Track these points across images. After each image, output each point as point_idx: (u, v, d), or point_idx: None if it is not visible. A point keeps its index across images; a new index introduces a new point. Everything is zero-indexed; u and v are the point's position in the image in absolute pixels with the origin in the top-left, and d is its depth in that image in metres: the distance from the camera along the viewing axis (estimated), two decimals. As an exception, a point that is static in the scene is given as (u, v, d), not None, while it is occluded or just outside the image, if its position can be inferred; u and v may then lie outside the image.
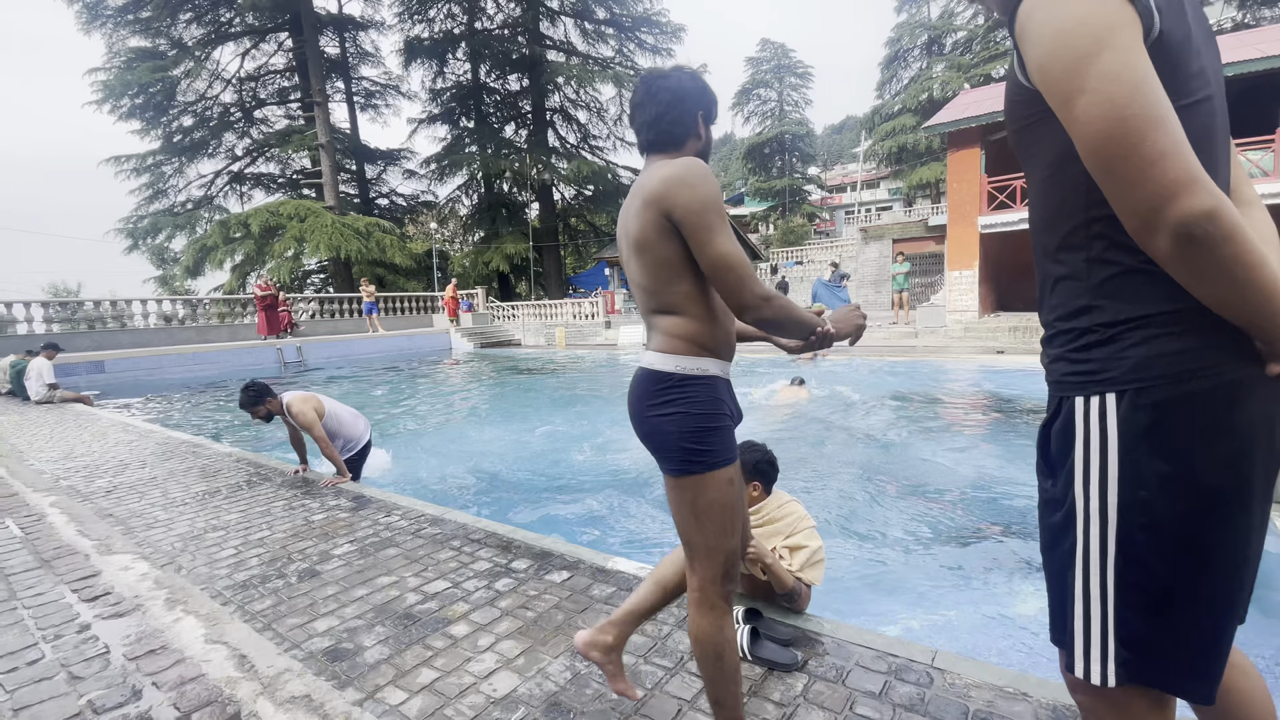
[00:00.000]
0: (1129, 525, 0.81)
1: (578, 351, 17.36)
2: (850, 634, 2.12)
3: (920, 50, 37.01)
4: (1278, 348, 0.76)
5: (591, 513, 4.56)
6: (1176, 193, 0.68)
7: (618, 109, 32.45)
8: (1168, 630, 0.82)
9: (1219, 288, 0.73)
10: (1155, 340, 0.79)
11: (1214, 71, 0.82)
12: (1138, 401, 0.79)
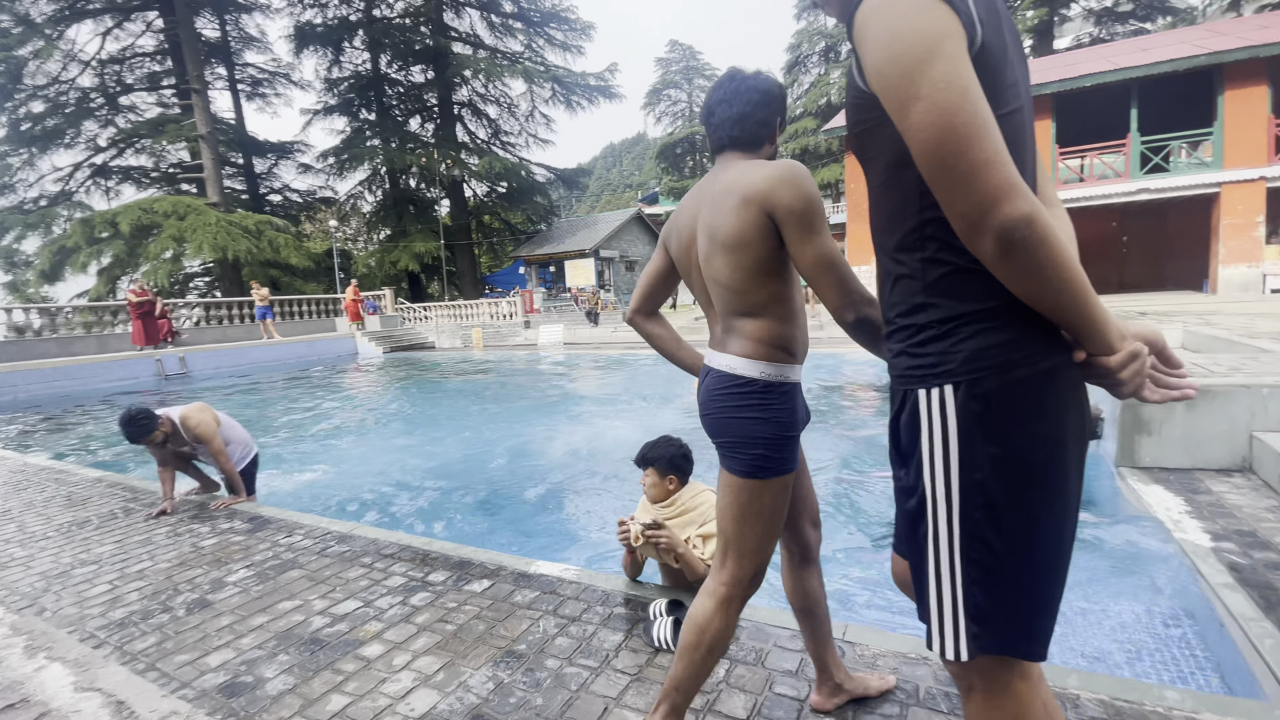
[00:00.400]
0: (969, 506, 0.87)
1: (496, 353, 16.96)
2: (767, 616, 2.20)
3: (819, 57, 38.92)
4: (1082, 337, 0.83)
5: (513, 517, 4.48)
6: (999, 199, 0.73)
7: (529, 105, 31.93)
8: (1007, 600, 0.89)
9: (1035, 286, 0.79)
10: (983, 334, 0.85)
11: (1024, 85, 0.89)
12: (971, 391, 0.85)
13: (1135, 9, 27.92)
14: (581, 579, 2.60)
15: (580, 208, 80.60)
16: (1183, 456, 3.49)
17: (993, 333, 0.85)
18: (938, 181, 0.77)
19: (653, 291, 1.66)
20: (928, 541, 0.92)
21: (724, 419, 1.40)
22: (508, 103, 31.99)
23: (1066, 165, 14.06)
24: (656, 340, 1.68)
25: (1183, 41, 13.94)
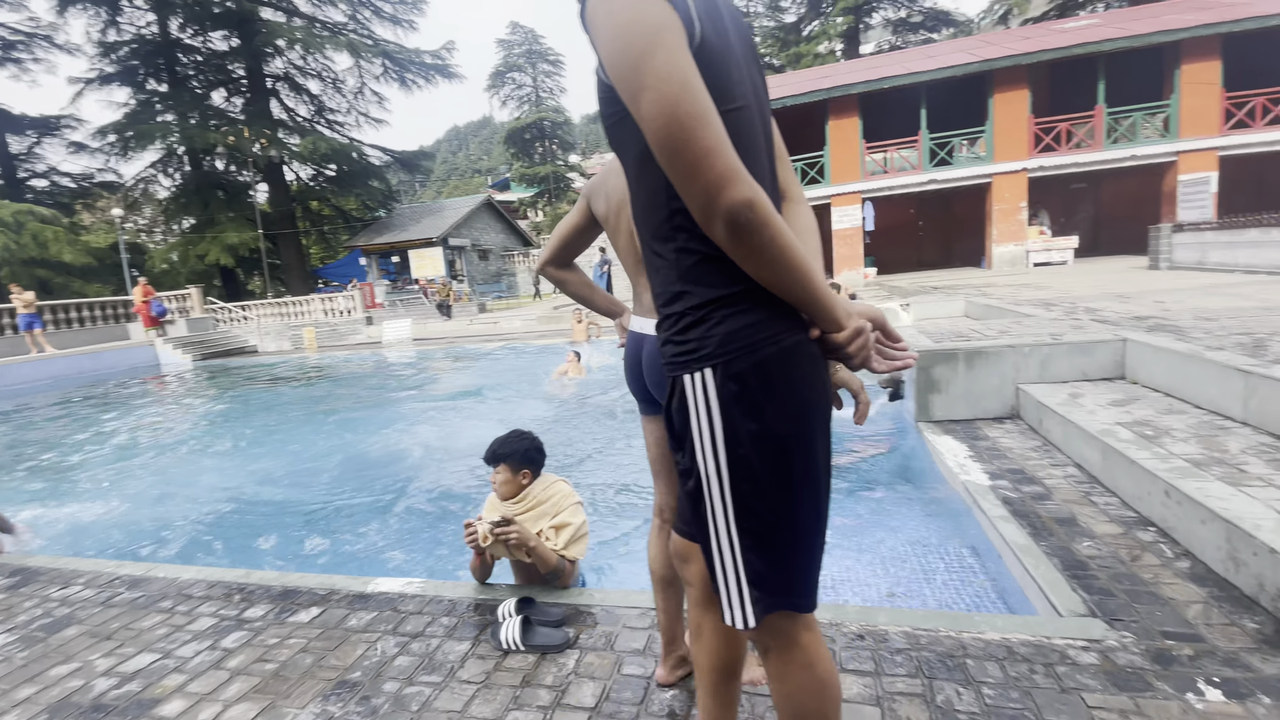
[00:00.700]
0: (737, 480, 0.94)
1: (334, 354, 15.52)
2: (617, 599, 2.23)
3: (661, 47, 39.91)
4: (814, 316, 0.91)
5: (352, 535, 4.12)
6: (723, 185, 0.77)
7: (357, 81, 29.28)
8: (780, 562, 0.97)
9: (762, 267, 0.84)
10: (733, 317, 0.90)
11: (753, 85, 0.95)
12: (727, 372, 0.90)
13: (924, 20, 31.93)
14: (426, 591, 2.45)
15: (425, 193, 75.93)
16: (966, 409, 4.08)
17: (741, 315, 0.90)
18: (670, 170, 0.81)
19: (567, 244, 1.69)
20: (708, 519, 0.97)
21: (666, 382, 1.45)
22: (332, 78, 29.06)
23: (873, 159, 15.79)
24: (569, 285, 1.73)
25: (961, 50, 16.20)
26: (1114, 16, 17.19)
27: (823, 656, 1.03)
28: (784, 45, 33.52)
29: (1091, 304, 6.23)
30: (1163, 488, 2.30)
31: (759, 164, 0.93)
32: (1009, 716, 1.52)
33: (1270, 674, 1.57)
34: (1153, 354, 3.62)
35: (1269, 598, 1.79)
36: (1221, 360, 3.04)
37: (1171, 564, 2.13)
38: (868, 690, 1.66)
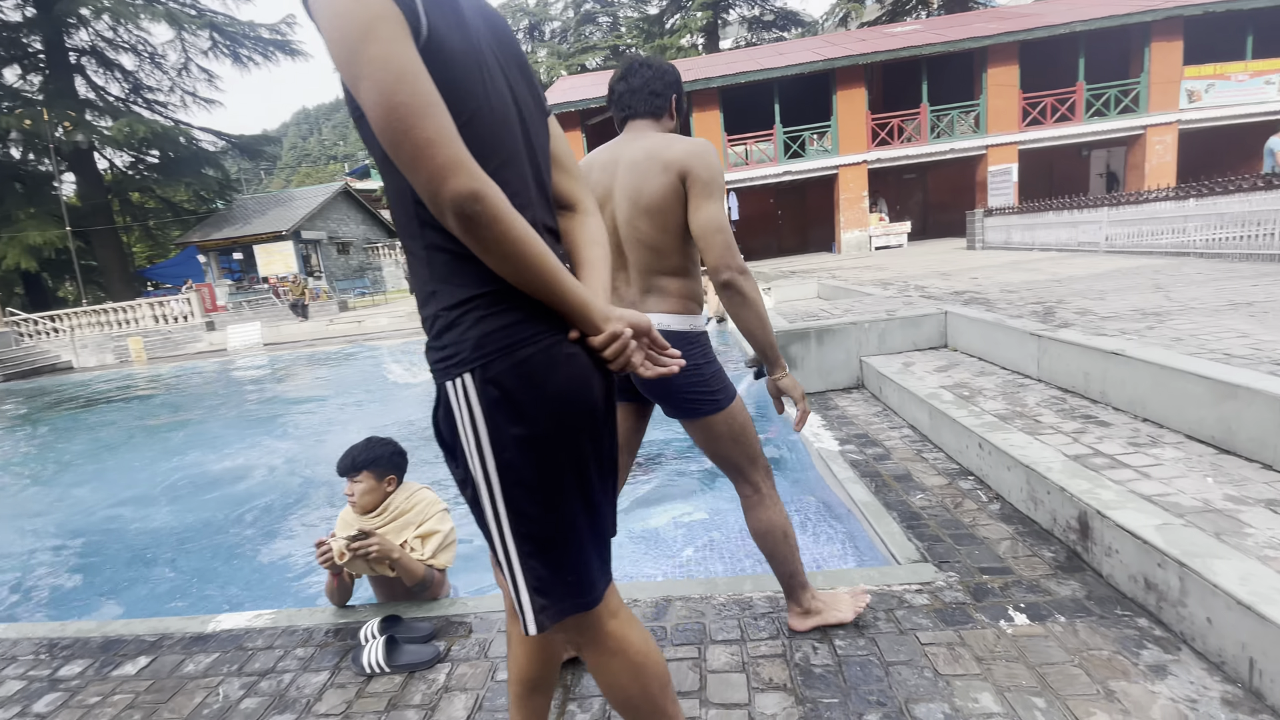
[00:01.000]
0: (508, 486, 0.92)
1: (169, 365, 13.68)
2: (492, 603, 2.16)
3: (524, 34, 38.96)
4: (568, 318, 0.91)
5: (188, 570, 3.65)
6: (445, 176, 0.76)
7: (180, 56, 25.72)
8: (561, 565, 0.96)
9: (500, 263, 0.84)
10: (487, 319, 0.88)
11: (515, 91, 0.94)
12: (485, 376, 0.88)
13: (776, 19, 33.86)
14: (277, 622, 2.23)
15: (273, 182, 69.04)
16: (820, 381, 4.42)
17: (496, 316, 0.88)
18: (397, 163, 0.79)
19: None
20: (489, 528, 0.95)
21: (679, 375, 1.45)
22: (149, 52, 25.30)
23: (734, 151, 16.56)
24: None
25: (808, 49, 17.37)
26: (933, 23, 19.26)
27: (631, 640, 1.05)
28: (648, 37, 34.07)
29: (920, 282, 6.98)
30: (977, 441, 2.62)
31: (514, 169, 0.91)
32: (857, 664, 1.66)
33: (1064, 595, 1.84)
34: (967, 324, 4.12)
35: (1061, 529, 2.10)
36: (1020, 327, 3.52)
37: (986, 507, 2.44)
38: (734, 658, 1.73)
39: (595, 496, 0.99)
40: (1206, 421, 2.26)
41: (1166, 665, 1.51)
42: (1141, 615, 1.70)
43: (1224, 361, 2.41)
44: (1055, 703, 1.44)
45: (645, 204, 1.48)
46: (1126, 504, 1.87)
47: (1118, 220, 7.77)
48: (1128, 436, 2.44)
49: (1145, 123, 14.81)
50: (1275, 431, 1.99)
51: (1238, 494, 1.90)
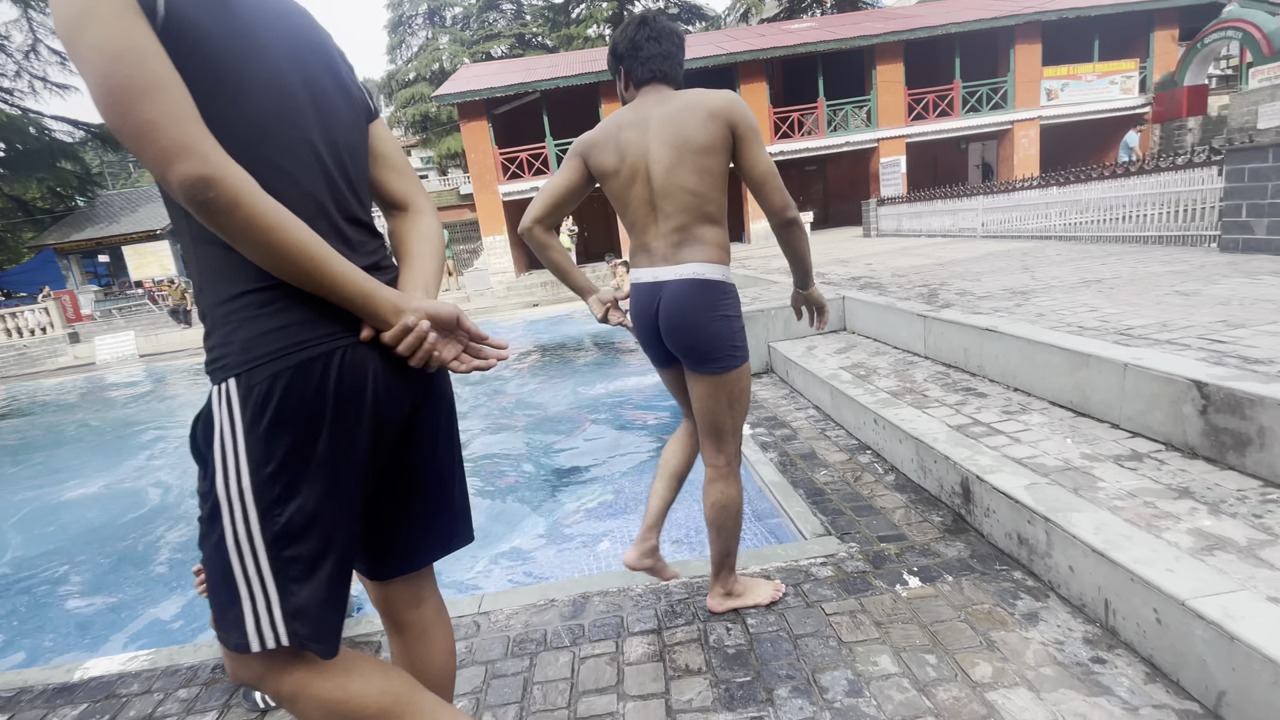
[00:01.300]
0: (265, 503, 0.83)
1: (23, 384, 12.10)
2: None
3: (423, 19, 37.27)
4: (355, 312, 0.85)
5: (50, 614, 3.26)
6: (170, 160, 0.73)
7: (27, 36, 22.62)
8: (327, 582, 0.88)
9: (250, 251, 0.78)
10: (257, 319, 0.82)
11: (306, 81, 0.89)
12: (250, 382, 0.81)
13: (680, 13, 34.25)
14: (156, 663, 2.02)
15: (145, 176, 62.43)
16: (733, 370, 4.54)
17: (268, 317, 0.82)
18: (125, 146, 0.76)
19: (560, 204, 1.64)
20: (227, 545, 0.85)
21: (693, 325, 1.55)
22: (-17, 31, 22.10)
23: (648, 140, 16.66)
24: (551, 251, 1.66)
25: (711, 43, 17.71)
26: (827, 21, 20.17)
27: (350, 691, 0.91)
28: (554, 26, 33.52)
29: (821, 269, 7.32)
30: (872, 417, 2.78)
31: (294, 156, 0.86)
32: (768, 640, 1.72)
33: (951, 556, 1.99)
34: (863, 307, 4.36)
35: (947, 495, 2.26)
36: (908, 309, 3.77)
37: (882, 479, 2.59)
38: (651, 648, 1.75)
39: (384, 518, 0.97)
40: (1065, 388, 2.50)
41: (1037, 612, 1.67)
42: (1016, 568, 1.87)
43: (1078, 333, 2.69)
44: (945, 658, 1.55)
45: (693, 150, 1.50)
46: (1001, 468, 2.04)
47: (991, 208, 8.49)
48: (1001, 405, 2.66)
49: (1012, 118, 16.24)
50: (1120, 394, 2.24)
51: (1092, 452, 2.12)
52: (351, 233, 0.94)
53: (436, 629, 1.14)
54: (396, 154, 1.08)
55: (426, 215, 1.08)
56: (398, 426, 0.95)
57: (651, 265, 1.58)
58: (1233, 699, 1.24)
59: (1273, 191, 3.88)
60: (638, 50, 1.59)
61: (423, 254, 1.03)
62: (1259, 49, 12.75)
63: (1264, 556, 1.46)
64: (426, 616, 1.13)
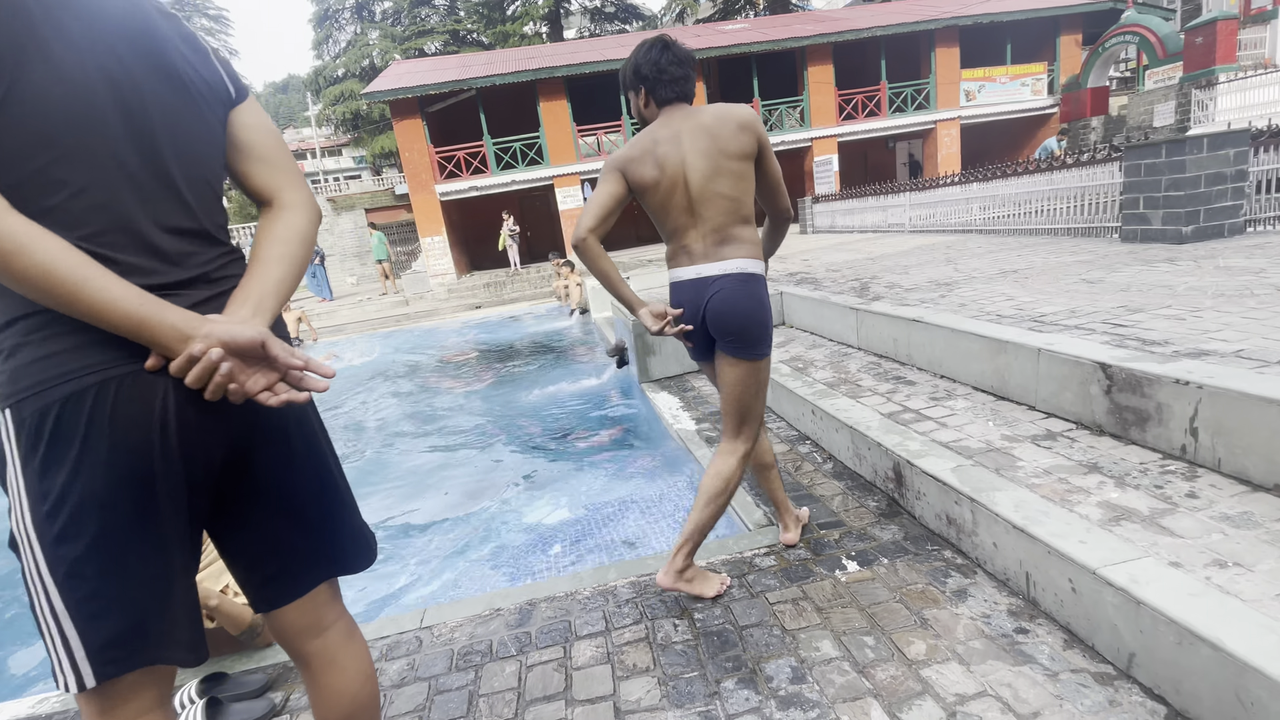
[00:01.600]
0: (47, 541, 0.78)
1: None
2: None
3: (351, 14, 35.87)
4: (125, 333, 0.77)
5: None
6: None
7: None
8: (142, 621, 0.83)
9: (13, 284, 0.72)
10: (25, 347, 0.76)
11: (106, 68, 0.81)
12: (20, 415, 0.76)
13: (617, 12, 34.27)
14: (67, 706, 1.86)
15: None
16: (677, 365, 4.58)
17: (38, 345, 0.76)
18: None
19: (609, 214, 1.72)
20: (27, 583, 0.81)
21: (744, 314, 1.71)
22: None
23: (585, 142, 16.59)
24: (607, 263, 1.72)
25: (647, 43, 17.79)
26: (759, 23, 20.60)
27: None
28: (489, 23, 32.89)
29: (765, 264, 7.48)
30: (810, 408, 2.86)
31: (79, 162, 0.77)
32: (715, 632, 1.74)
33: (886, 539, 2.06)
34: (800, 302, 4.48)
35: (881, 480, 2.34)
36: (841, 302, 3.89)
37: (821, 467, 2.66)
38: (599, 651, 1.73)
39: (246, 548, 0.94)
40: (986, 374, 2.64)
41: (966, 589, 1.75)
42: (947, 548, 1.95)
43: (996, 322, 2.84)
44: (882, 639, 1.61)
45: (728, 158, 1.67)
46: (929, 452, 2.13)
47: (918, 204, 8.87)
48: (929, 392, 2.78)
49: (935, 118, 17.04)
50: (1035, 377, 2.38)
51: (1011, 433, 2.24)
52: (170, 244, 0.83)
53: (345, 657, 1.07)
54: (262, 141, 0.97)
55: (292, 211, 0.97)
56: (216, 461, 0.87)
57: (694, 264, 1.74)
58: (1142, 660, 1.33)
59: (1166, 185, 4.21)
60: (662, 74, 1.73)
61: (270, 259, 0.91)
62: (1154, 52, 13.84)
63: (1165, 524, 1.58)
64: (332, 644, 1.06)
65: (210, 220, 0.90)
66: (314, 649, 1.04)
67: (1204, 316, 2.48)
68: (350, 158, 46.63)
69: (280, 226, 0.95)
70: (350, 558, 1.07)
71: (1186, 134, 4.37)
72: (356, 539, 1.07)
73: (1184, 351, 2.09)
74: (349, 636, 1.09)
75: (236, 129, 0.95)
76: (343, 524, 1.05)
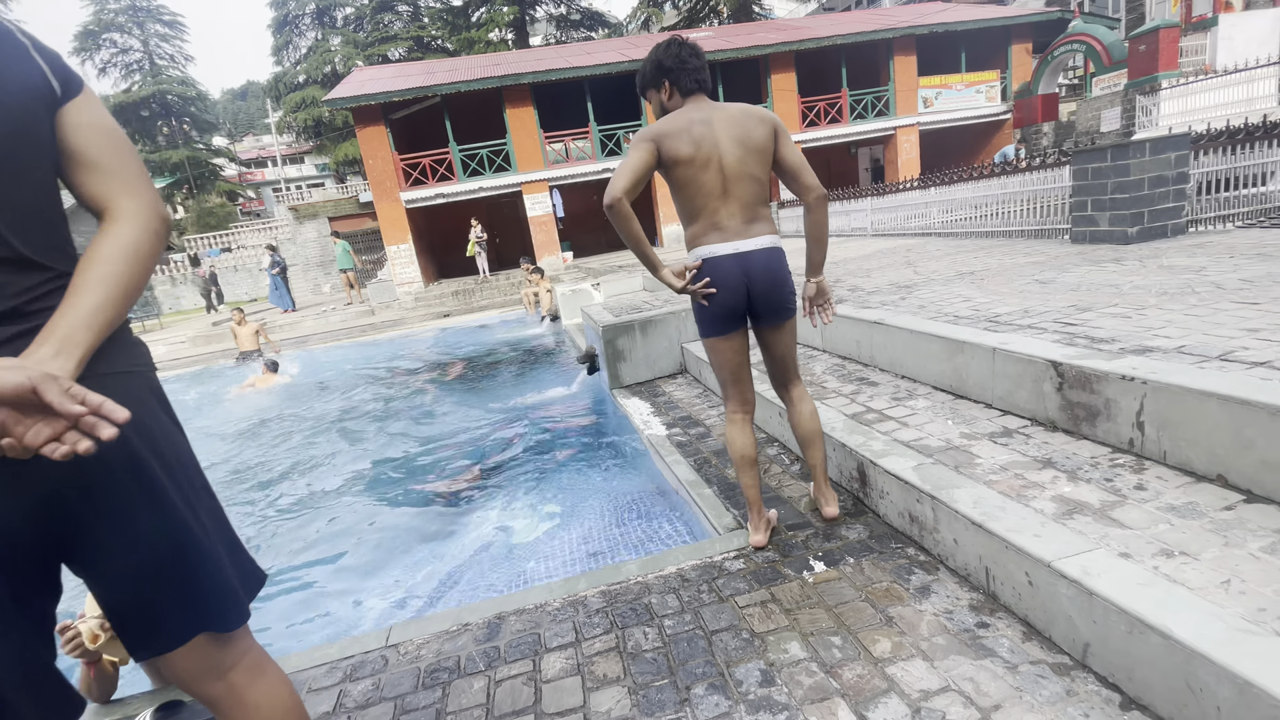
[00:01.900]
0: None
1: None
2: (299, 661, 1.91)
3: (312, 19, 35.21)
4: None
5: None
6: None
7: None
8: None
9: None
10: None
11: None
12: None
13: (582, 19, 34.33)
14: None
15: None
16: (647, 371, 4.58)
17: None
18: None
19: (640, 179, 1.83)
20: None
21: (783, 280, 1.96)
22: None
23: (552, 148, 16.56)
24: (633, 224, 1.82)
25: (613, 50, 17.86)
26: (723, 31, 20.84)
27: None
28: (454, 29, 32.64)
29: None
30: (777, 410, 2.88)
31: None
32: (684, 640, 1.73)
33: (852, 538, 2.09)
34: (769, 306, 4.53)
35: (847, 480, 2.37)
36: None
37: (789, 469, 2.69)
38: (569, 663, 1.72)
39: (105, 600, 0.90)
40: (945, 373, 2.70)
41: (929, 585, 1.78)
42: (910, 545, 1.99)
43: (954, 322, 2.91)
44: (849, 638, 1.62)
45: (755, 146, 1.87)
46: (891, 451, 2.17)
47: (879, 208, 9.07)
48: (891, 393, 2.84)
49: (895, 124, 17.46)
50: (991, 376, 2.44)
51: (969, 431, 2.29)
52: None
53: (256, 694, 1.02)
54: (93, 143, 0.86)
55: (122, 222, 0.85)
56: (23, 532, 0.79)
57: (727, 240, 1.90)
58: (1096, 649, 1.37)
59: (1112, 188, 4.38)
60: (684, 64, 1.92)
61: (86, 285, 0.80)
62: (1100, 60, 14.41)
63: (1115, 516, 1.63)
64: (237, 685, 1.01)
65: (27, 242, 0.78)
66: (218, 692, 0.99)
67: (1148, 314, 2.58)
68: (313, 165, 45.65)
69: (105, 244, 0.83)
70: (215, 616, 0.97)
71: (1131, 139, 4.55)
72: (222, 596, 0.97)
73: (1130, 348, 2.17)
74: (256, 673, 1.03)
75: (65, 131, 0.83)
76: (202, 580, 0.95)
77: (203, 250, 26.46)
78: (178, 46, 39.32)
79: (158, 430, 0.92)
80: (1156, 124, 12.15)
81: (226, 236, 27.75)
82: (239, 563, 1.03)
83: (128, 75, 37.86)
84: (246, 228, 29.35)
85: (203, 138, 38.92)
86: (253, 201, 41.24)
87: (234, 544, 1.04)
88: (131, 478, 0.87)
